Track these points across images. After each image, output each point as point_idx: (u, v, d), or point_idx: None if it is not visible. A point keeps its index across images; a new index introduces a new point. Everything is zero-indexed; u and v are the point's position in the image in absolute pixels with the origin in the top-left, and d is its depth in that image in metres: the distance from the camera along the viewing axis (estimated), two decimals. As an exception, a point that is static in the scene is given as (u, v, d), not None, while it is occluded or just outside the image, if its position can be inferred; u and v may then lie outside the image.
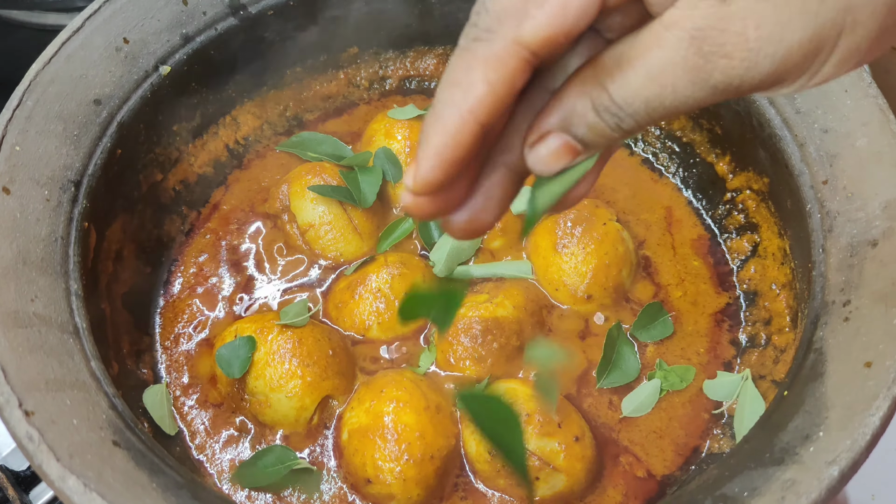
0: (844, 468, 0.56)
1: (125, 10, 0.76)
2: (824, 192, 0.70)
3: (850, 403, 0.59)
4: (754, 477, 0.57)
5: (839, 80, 0.72)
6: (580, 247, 0.77)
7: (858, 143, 0.70)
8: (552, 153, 0.39)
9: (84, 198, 0.70)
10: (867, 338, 0.61)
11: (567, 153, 0.39)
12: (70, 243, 0.68)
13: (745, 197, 0.82)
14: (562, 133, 0.38)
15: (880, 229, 0.66)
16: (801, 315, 0.70)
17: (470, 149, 0.37)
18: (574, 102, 0.38)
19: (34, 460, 0.56)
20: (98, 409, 0.60)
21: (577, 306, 0.78)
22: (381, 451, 0.67)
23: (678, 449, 0.73)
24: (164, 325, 0.79)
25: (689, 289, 0.81)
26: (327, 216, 0.80)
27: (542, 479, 0.67)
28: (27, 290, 0.63)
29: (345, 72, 0.93)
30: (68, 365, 0.62)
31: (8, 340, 0.60)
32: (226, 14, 0.81)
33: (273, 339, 0.71)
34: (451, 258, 0.78)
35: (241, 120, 0.88)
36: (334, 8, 0.87)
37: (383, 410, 0.68)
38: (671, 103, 0.36)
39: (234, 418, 0.73)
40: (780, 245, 0.77)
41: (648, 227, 0.85)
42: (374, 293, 0.75)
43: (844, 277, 0.65)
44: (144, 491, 0.57)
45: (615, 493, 0.71)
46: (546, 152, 0.39)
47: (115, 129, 0.74)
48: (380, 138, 0.85)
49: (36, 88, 0.71)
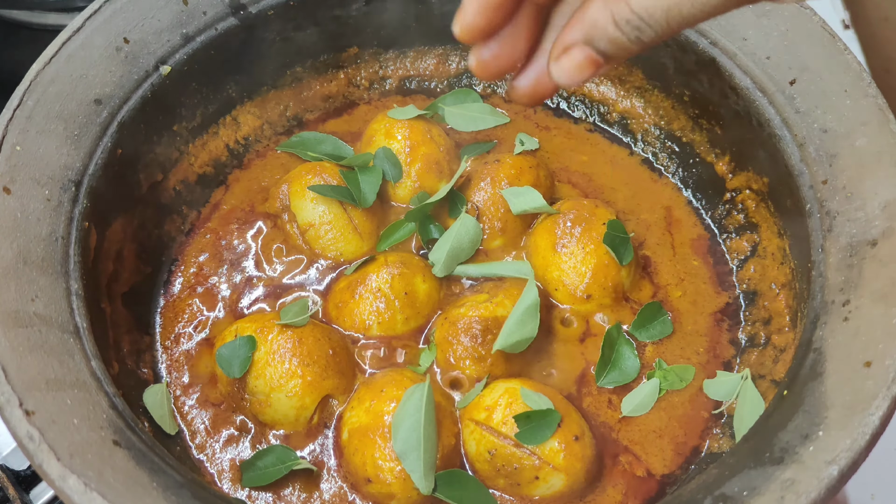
0: (844, 468, 0.56)
1: (125, 9, 0.76)
2: (824, 192, 0.70)
3: (849, 403, 0.59)
4: (754, 476, 0.58)
5: (839, 80, 0.72)
6: (579, 246, 0.77)
7: (858, 142, 0.70)
8: (576, 66, 0.41)
9: (84, 197, 0.70)
10: (867, 337, 0.62)
11: (589, 66, 0.41)
12: (70, 243, 0.68)
13: (744, 197, 0.82)
14: (585, 46, 0.40)
15: (880, 229, 0.66)
16: (800, 315, 0.70)
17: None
18: (596, 16, 0.39)
19: (34, 460, 0.56)
20: (98, 409, 0.60)
21: (576, 306, 0.78)
22: (381, 451, 0.67)
23: (678, 448, 0.73)
24: (164, 324, 0.79)
25: (688, 288, 0.82)
26: (327, 216, 0.80)
27: (541, 479, 0.67)
28: (28, 289, 0.64)
29: (345, 72, 0.93)
30: (69, 364, 0.62)
31: (8, 340, 0.60)
32: (226, 14, 0.81)
33: (273, 339, 0.71)
34: (450, 258, 0.78)
35: (241, 120, 0.89)
36: (334, 8, 0.88)
37: (383, 410, 0.68)
38: (689, 11, 0.38)
39: (235, 418, 0.73)
40: (780, 245, 0.77)
41: (648, 227, 0.86)
42: (374, 293, 0.75)
43: (844, 277, 0.65)
44: (145, 490, 0.57)
45: (615, 492, 0.71)
46: (569, 65, 0.41)
47: (116, 129, 0.74)
48: (380, 138, 0.85)
49: (36, 88, 0.71)
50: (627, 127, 0.91)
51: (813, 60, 0.74)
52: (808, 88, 0.74)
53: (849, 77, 0.72)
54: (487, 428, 0.68)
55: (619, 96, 0.91)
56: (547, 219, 0.80)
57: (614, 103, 0.92)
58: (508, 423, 0.67)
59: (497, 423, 0.68)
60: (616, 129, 0.92)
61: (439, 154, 0.84)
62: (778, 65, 0.75)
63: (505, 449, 0.67)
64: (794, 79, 0.74)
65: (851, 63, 0.73)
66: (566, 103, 0.94)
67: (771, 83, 0.75)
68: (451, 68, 0.95)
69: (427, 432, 0.66)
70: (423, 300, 0.77)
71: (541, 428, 0.67)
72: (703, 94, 0.83)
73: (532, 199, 0.80)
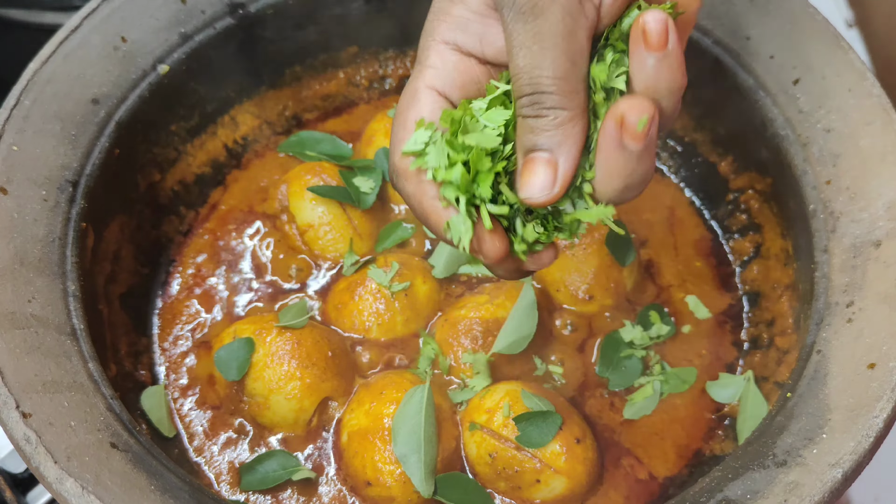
0: (848, 470, 0.56)
1: (123, 8, 0.76)
2: (827, 193, 0.69)
3: (853, 405, 0.58)
4: (757, 479, 0.57)
5: (843, 79, 0.72)
6: (581, 247, 0.77)
7: (862, 142, 0.69)
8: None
9: (82, 198, 0.70)
10: (871, 339, 0.61)
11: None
12: (67, 244, 0.68)
13: (747, 197, 0.82)
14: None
15: (884, 230, 0.65)
16: (803, 316, 0.70)
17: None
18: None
19: (31, 462, 0.56)
20: (96, 411, 0.60)
21: (578, 307, 0.78)
22: (381, 454, 0.66)
23: (680, 451, 0.73)
24: (162, 326, 0.79)
25: (691, 290, 0.81)
26: (326, 216, 0.79)
27: (543, 482, 0.66)
28: (24, 290, 0.63)
29: (344, 71, 0.93)
30: (66, 366, 0.61)
31: (5, 342, 0.60)
32: (224, 13, 0.81)
33: (272, 341, 0.71)
34: (451, 260, 0.78)
35: (239, 119, 0.88)
36: (334, 7, 0.87)
37: (383, 412, 0.68)
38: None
39: (233, 420, 0.73)
40: (783, 246, 0.77)
41: (650, 228, 0.85)
42: (374, 294, 0.75)
43: (848, 278, 0.65)
44: (142, 493, 0.57)
45: (616, 495, 0.70)
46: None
47: (113, 129, 0.74)
48: (380, 138, 0.84)
49: (33, 88, 0.71)
50: (629, 127, 0.91)
51: (817, 60, 0.74)
52: (811, 88, 0.73)
53: (853, 76, 0.72)
54: (488, 430, 0.68)
55: (620, 96, 0.91)
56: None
57: (615, 103, 0.91)
58: (509, 426, 0.67)
59: (498, 426, 0.67)
60: (617, 129, 0.91)
61: (439, 154, 0.84)
62: (781, 64, 0.75)
63: (506, 452, 0.67)
64: (797, 78, 0.74)
65: (855, 62, 0.73)
66: (567, 103, 0.94)
67: (774, 82, 0.75)
68: (451, 68, 0.94)
69: (427, 435, 0.66)
70: (423, 302, 0.76)
71: (542, 430, 0.66)
72: (705, 93, 0.83)
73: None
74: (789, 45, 0.75)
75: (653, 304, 0.79)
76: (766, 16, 0.77)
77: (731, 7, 0.78)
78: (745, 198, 0.82)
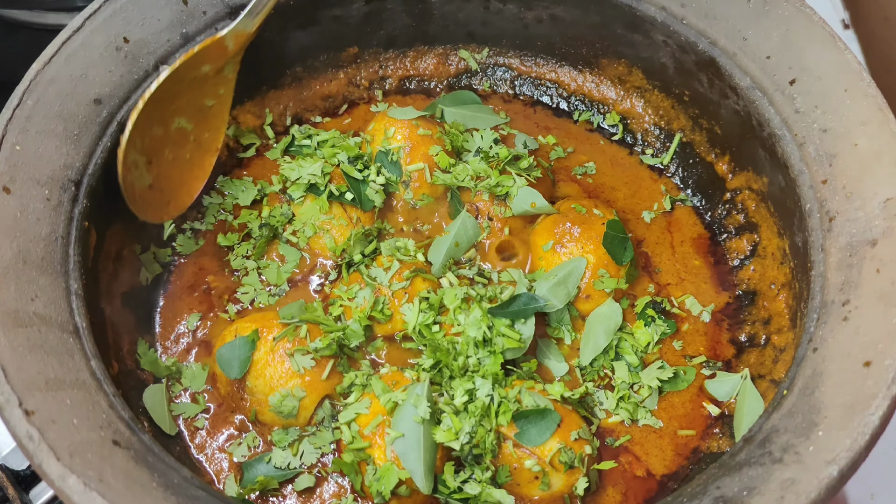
0: (844, 467, 0.56)
1: (125, 9, 0.76)
2: (824, 192, 0.70)
3: (849, 403, 0.59)
4: (753, 476, 0.58)
5: (838, 79, 0.72)
6: (578, 246, 0.77)
7: (858, 142, 0.70)
8: None
9: (84, 197, 0.70)
10: (866, 337, 0.61)
11: None
12: (70, 243, 0.68)
13: (744, 196, 0.82)
14: None
15: (880, 229, 0.66)
16: (800, 315, 0.70)
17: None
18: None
19: (34, 459, 0.56)
20: (98, 409, 0.60)
21: (576, 305, 0.78)
22: (381, 450, 0.67)
23: (677, 448, 0.73)
24: (163, 324, 0.79)
25: (688, 288, 0.82)
26: (327, 216, 0.80)
27: (541, 479, 0.67)
28: (27, 289, 0.63)
29: (345, 71, 0.93)
30: (68, 364, 0.62)
31: (8, 340, 0.60)
32: (226, 14, 0.81)
33: (273, 339, 0.71)
34: (448, 258, 0.78)
35: (241, 119, 0.88)
36: (334, 8, 0.87)
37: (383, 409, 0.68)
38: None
39: (234, 418, 0.73)
40: (780, 245, 0.77)
41: (648, 227, 0.85)
42: (374, 293, 0.75)
43: (844, 277, 0.65)
44: (144, 490, 0.57)
45: (615, 492, 0.71)
46: None
47: (116, 129, 0.74)
48: (380, 138, 0.85)
49: (36, 88, 0.71)
50: (627, 127, 0.91)
51: (813, 60, 0.74)
52: (807, 88, 0.74)
53: (849, 77, 0.72)
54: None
55: (619, 96, 0.91)
56: (547, 218, 0.80)
57: (614, 103, 0.92)
58: (508, 424, 0.67)
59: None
60: (616, 129, 0.92)
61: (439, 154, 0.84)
62: (778, 64, 0.75)
63: (505, 449, 0.67)
64: (793, 78, 0.74)
65: (851, 63, 0.73)
66: (566, 103, 0.94)
67: (771, 83, 0.75)
68: (450, 68, 0.95)
69: (427, 432, 0.66)
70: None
71: (541, 428, 0.67)
72: (702, 93, 0.83)
73: (532, 199, 0.79)
74: (786, 45, 0.76)
75: (651, 302, 0.79)
76: (763, 17, 0.77)
77: (728, 8, 0.78)
78: (741, 197, 0.83)
